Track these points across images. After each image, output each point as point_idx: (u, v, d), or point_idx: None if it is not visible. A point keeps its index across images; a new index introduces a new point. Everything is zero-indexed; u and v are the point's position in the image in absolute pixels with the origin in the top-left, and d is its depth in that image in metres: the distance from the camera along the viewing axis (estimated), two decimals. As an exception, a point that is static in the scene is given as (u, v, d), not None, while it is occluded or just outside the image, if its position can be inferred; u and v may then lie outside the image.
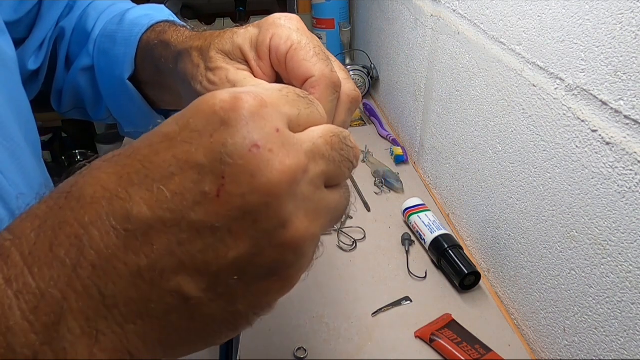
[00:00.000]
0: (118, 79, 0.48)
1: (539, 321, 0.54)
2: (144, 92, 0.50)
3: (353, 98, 0.34)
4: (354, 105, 0.34)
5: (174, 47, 0.40)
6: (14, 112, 0.43)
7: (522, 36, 0.51)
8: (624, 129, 0.39)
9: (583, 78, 0.43)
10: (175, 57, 0.39)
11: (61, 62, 0.54)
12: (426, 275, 0.63)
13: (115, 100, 0.52)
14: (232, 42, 0.35)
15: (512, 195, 0.57)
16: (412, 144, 0.88)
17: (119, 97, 0.51)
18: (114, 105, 0.53)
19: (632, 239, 0.39)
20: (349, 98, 0.34)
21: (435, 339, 0.53)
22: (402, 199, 0.75)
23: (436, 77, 0.75)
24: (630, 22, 0.37)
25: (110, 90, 0.51)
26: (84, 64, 0.52)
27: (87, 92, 0.55)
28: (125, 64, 0.47)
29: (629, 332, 0.40)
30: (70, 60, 0.54)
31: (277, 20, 0.34)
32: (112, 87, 0.51)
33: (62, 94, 0.56)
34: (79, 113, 0.59)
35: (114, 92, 0.51)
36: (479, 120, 0.63)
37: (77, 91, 0.55)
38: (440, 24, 0.72)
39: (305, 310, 0.57)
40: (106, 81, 0.51)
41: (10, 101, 0.43)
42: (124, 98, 0.50)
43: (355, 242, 0.68)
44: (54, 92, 0.56)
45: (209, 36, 0.37)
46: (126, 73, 0.48)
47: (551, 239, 0.50)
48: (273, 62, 0.34)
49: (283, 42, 0.33)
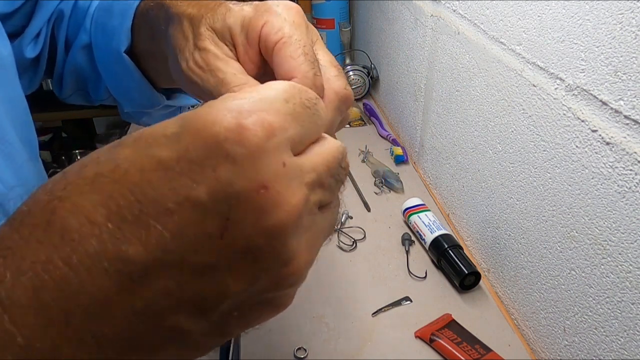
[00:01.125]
0: (115, 53, 0.47)
1: (539, 321, 0.54)
2: (141, 68, 0.48)
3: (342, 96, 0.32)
4: (343, 104, 0.32)
5: (167, 8, 0.38)
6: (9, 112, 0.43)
7: (522, 36, 0.51)
8: (624, 129, 0.39)
9: (583, 78, 0.43)
10: (167, 19, 0.37)
11: (61, 45, 0.52)
12: (426, 275, 0.63)
13: (113, 77, 0.50)
14: (223, 21, 0.33)
15: (512, 195, 0.57)
16: (412, 144, 0.88)
17: (117, 72, 0.49)
18: (112, 83, 0.51)
19: (632, 239, 0.39)
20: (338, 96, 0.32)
21: (435, 339, 0.53)
22: (402, 199, 0.75)
23: (436, 77, 0.75)
24: (630, 22, 0.37)
25: (108, 66, 0.50)
26: (82, 42, 0.51)
27: (87, 71, 0.54)
28: (122, 35, 0.45)
29: (629, 332, 0.40)
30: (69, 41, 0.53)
31: (273, 7, 0.32)
32: (109, 63, 0.49)
33: (62, 77, 0.55)
34: (80, 96, 0.57)
35: (111, 67, 0.49)
36: (479, 120, 0.63)
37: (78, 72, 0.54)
38: (440, 24, 0.72)
39: (306, 310, 0.57)
40: (104, 57, 0.50)
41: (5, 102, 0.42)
42: (122, 73, 0.48)
43: (355, 242, 0.68)
44: (55, 76, 0.55)
45: (203, 6, 0.35)
46: (122, 45, 0.46)
47: (551, 239, 0.50)
48: (262, 50, 0.33)
49: (274, 32, 0.31)
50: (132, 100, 0.53)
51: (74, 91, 0.57)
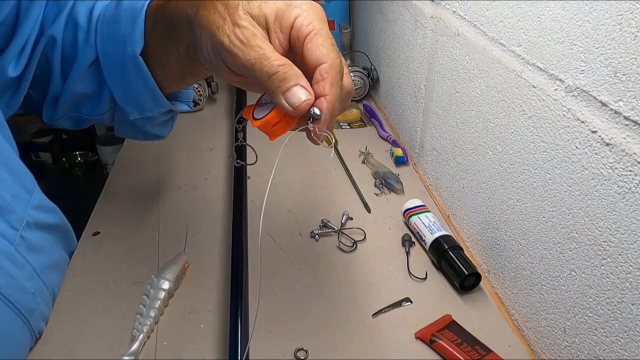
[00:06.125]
0: (129, 58, 0.49)
1: (539, 322, 0.54)
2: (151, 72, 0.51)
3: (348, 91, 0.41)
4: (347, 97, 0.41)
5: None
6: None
7: (521, 37, 0.51)
8: (623, 130, 0.39)
9: (583, 79, 0.43)
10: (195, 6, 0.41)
11: (56, 69, 0.53)
12: (426, 276, 0.63)
13: (123, 83, 0.52)
14: (259, 9, 0.39)
15: (512, 196, 0.57)
16: (412, 145, 0.89)
17: (128, 78, 0.51)
18: (121, 90, 0.53)
19: (632, 239, 0.39)
20: (345, 90, 0.40)
21: (436, 340, 0.53)
22: (403, 200, 0.75)
23: (436, 79, 0.75)
24: (630, 23, 0.37)
25: (118, 73, 0.52)
26: (88, 60, 0.52)
27: (88, 89, 0.54)
28: (136, 39, 0.49)
29: (629, 333, 0.40)
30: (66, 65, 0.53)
31: (304, 5, 0.39)
32: (121, 70, 0.51)
33: (58, 100, 0.55)
34: (69, 120, 0.59)
35: (123, 73, 0.51)
36: (479, 122, 0.63)
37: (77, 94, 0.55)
38: (440, 25, 0.72)
39: (306, 311, 0.57)
40: (114, 65, 0.52)
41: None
42: (134, 77, 0.51)
43: (356, 243, 0.68)
44: (48, 100, 0.56)
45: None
46: (138, 48, 0.49)
47: (551, 240, 0.50)
48: (292, 38, 0.39)
49: (306, 24, 0.39)
50: (139, 105, 0.54)
51: (65, 114, 0.58)
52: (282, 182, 0.81)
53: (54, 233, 0.58)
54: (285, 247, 0.67)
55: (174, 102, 0.58)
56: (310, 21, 0.39)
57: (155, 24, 0.48)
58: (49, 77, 0.54)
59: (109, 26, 0.51)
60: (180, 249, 0.65)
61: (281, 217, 0.73)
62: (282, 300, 0.59)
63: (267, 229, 0.70)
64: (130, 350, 0.51)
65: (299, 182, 0.81)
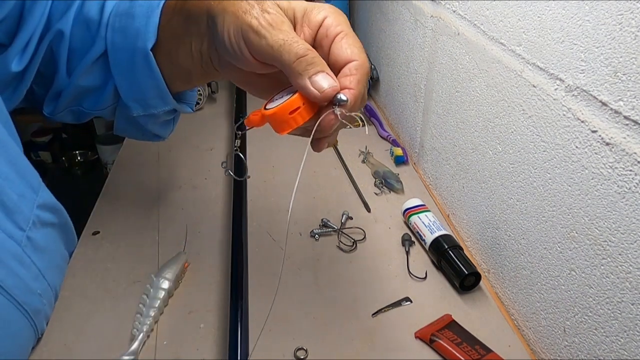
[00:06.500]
0: (140, 52, 0.50)
1: (539, 322, 0.54)
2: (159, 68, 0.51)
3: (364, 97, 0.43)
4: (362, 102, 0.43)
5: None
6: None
7: (522, 37, 0.51)
8: (623, 130, 0.39)
9: (583, 79, 0.43)
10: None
11: (62, 63, 0.53)
12: (426, 275, 0.63)
13: (130, 77, 0.53)
14: (288, 3, 0.42)
15: (512, 195, 0.57)
16: (412, 144, 0.89)
17: (136, 72, 0.52)
18: (127, 84, 0.53)
19: (632, 239, 0.39)
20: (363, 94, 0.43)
21: (436, 340, 0.53)
22: (402, 199, 0.75)
23: (436, 78, 0.75)
24: (630, 23, 0.37)
25: (126, 67, 0.52)
26: (96, 53, 0.52)
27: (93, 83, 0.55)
28: (149, 34, 0.49)
29: (629, 332, 0.40)
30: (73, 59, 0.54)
31: (329, 8, 0.42)
32: (129, 64, 0.51)
33: (61, 94, 0.56)
34: (70, 113, 0.59)
35: (131, 67, 0.52)
36: (479, 121, 0.63)
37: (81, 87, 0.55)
38: (440, 24, 0.72)
39: (306, 310, 0.57)
40: (123, 59, 0.52)
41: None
42: (142, 72, 0.51)
43: (355, 243, 0.68)
44: (51, 94, 0.56)
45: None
46: (150, 42, 0.50)
47: (551, 239, 0.50)
48: (319, 36, 0.41)
49: (335, 25, 0.41)
50: (144, 101, 0.55)
51: (67, 108, 0.58)
52: (282, 182, 0.81)
53: (58, 232, 0.58)
54: (285, 247, 0.67)
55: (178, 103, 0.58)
56: (339, 23, 0.41)
57: (171, 20, 0.49)
58: (54, 71, 0.54)
59: (122, 19, 0.51)
60: (180, 249, 0.65)
61: (281, 217, 0.73)
62: (282, 299, 0.59)
63: (267, 229, 0.70)
64: (130, 349, 0.51)
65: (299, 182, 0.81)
